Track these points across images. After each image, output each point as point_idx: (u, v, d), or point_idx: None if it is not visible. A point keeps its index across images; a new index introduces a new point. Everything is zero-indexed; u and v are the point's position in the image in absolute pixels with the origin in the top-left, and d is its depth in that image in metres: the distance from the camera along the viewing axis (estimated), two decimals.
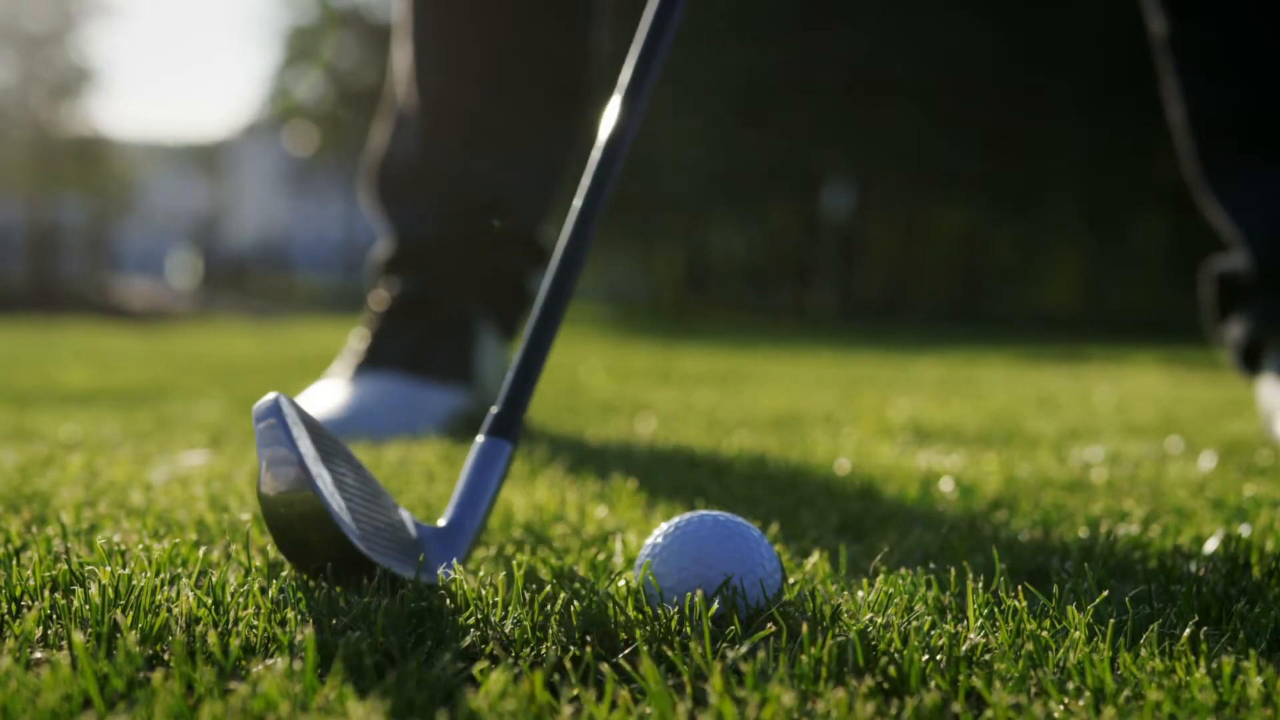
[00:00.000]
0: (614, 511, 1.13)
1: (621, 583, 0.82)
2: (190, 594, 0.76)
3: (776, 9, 15.54)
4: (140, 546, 0.90)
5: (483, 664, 0.67)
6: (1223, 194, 1.89)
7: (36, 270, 19.72)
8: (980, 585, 0.80)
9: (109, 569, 0.79)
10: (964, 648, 0.69)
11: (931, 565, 0.87)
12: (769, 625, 0.74)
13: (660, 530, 0.81)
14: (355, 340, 1.99)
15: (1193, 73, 1.88)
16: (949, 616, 0.77)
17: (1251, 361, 1.90)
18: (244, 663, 0.68)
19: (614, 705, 0.63)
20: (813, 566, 0.90)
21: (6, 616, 0.76)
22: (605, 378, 3.71)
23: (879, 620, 0.75)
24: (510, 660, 0.71)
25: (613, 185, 1.06)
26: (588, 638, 0.74)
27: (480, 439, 0.97)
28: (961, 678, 0.66)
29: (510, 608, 0.77)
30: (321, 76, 22.96)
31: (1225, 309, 1.94)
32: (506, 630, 0.74)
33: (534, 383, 0.99)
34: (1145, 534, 1.05)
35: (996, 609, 0.77)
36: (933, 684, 0.66)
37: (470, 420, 1.84)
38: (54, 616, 0.75)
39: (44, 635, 0.73)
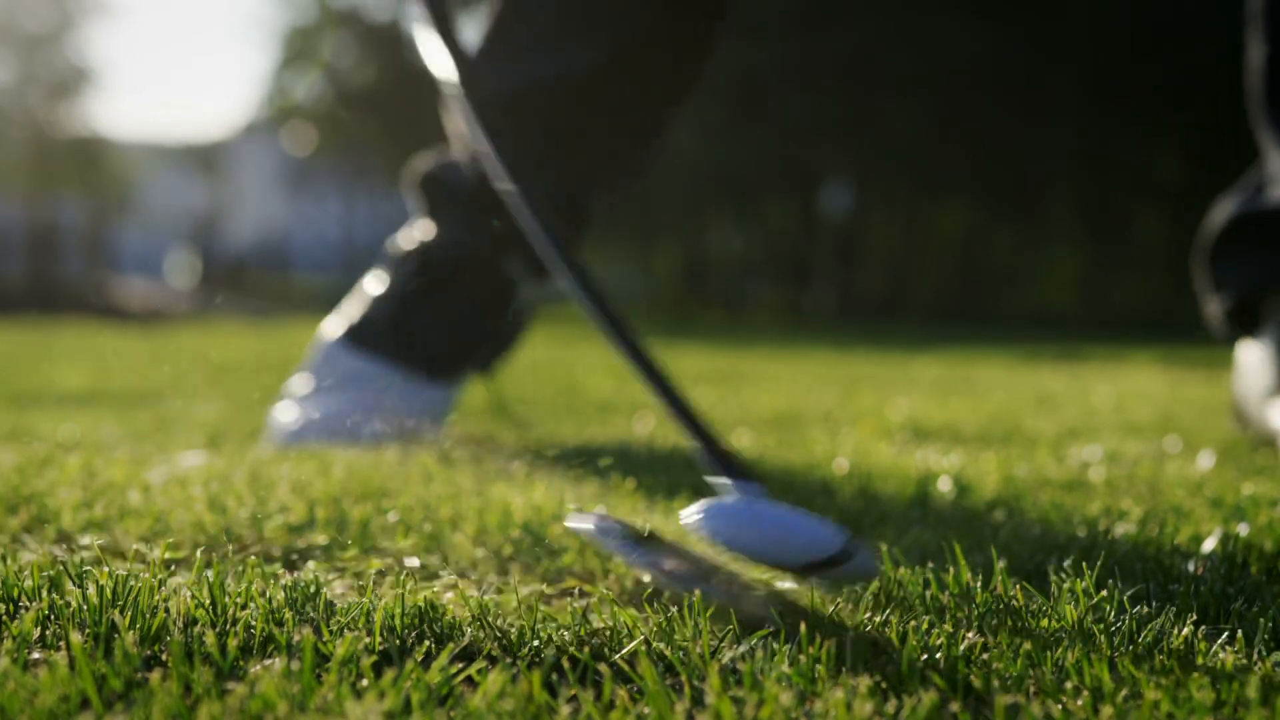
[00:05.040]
0: (612, 511, 1.13)
1: (621, 571, 0.82)
2: (188, 594, 0.76)
3: (775, 8, 15.55)
4: (138, 547, 0.90)
5: (480, 664, 0.67)
6: None
7: (35, 270, 19.70)
8: (979, 584, 0.80)
9: (107, 569, 0.79)
10: (962, 647, 0.69)
11: (930, 564, 0.87)
12: (766, 625, 0.74)
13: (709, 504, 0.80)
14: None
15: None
16: (947, 616, 0.77)
17: (1246, 317, 1.76)
18: (242, 663, 0.68)
19: (612, 705, 0.63)
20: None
21: (4, 617, 0.76)
22: (604, 377, 3.71)
23: (877, 619, 0.75)
24: (508, 660, 0.71)
25: None
26: (585, 637, 0.74)
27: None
28: (960, 677, 0.66)
29: (508, 608, 0.77)
30: (320, 77, 22.96)
31: (1233, 249, 1.78)
32: (504, 630, 0.74)
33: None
34: (1143, 533, 1.05)
35: (995, 608, 0.77)
36: (931, 683, 0.66)
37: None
38: (52, 617, 0.75)
39: (42, 635, 0.73)
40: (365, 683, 0.65)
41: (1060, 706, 0.62)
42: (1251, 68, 1.81)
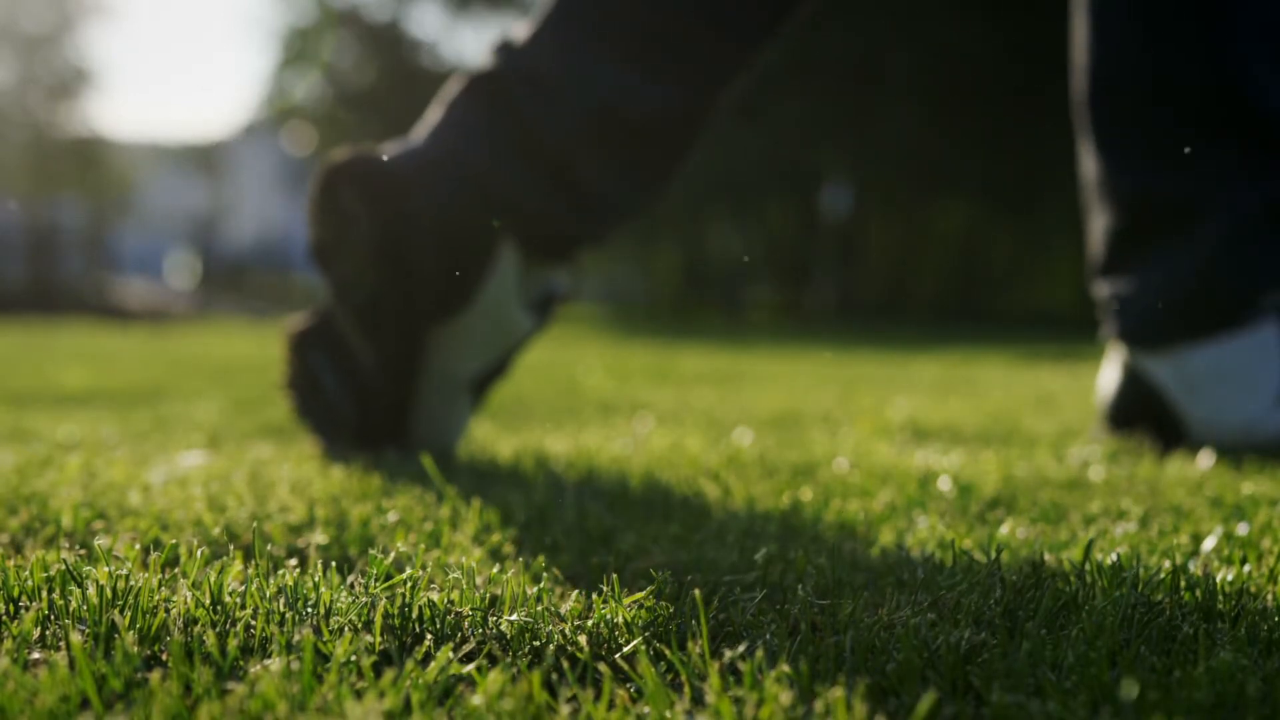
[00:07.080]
0: (612, 510, 1.13)
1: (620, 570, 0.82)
2: (188, 594, 0.76)
3: None
4: (138, 547, 0.90)
5: (480, 664, 0.66)
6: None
7: (35, 271, 19.72)
8: (978, 584, 0.80)
9: (107, 569, 0.79)
10: (963, 647, 0.69)
11: (930, 564, 0.87)
12: (768, 624, 0.74)
13: None
14: None
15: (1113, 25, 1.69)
16: (947, 615, 0.77)
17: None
18: (241, 663, 0.68)
19: (611, 705, 0.63)
20: (812, 565, 0.90)
21: (4, 617, 0.76)
22: (604, 377, 3.70)
23: (877, 619, 0.75)
24: (508, 660, 0.71)
25: None
26: (585, 637, 0.74)
27: None
28: (960, 676, 0.66)
29: (508, 607, 0.77)
30: (320, 77, 22.96)
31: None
32: (504, 630, 0.74)
33: None
34: (1143, 532, 1.05)
35: (994, 607, 0.77)
36: (931, 683, 0.66)
37: None
38: (52, 617, 0.75)
39: (42, 635, 0.73)
40: (365, 683, 0.65)
41: (1060, 706, 0.62)
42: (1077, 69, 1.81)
